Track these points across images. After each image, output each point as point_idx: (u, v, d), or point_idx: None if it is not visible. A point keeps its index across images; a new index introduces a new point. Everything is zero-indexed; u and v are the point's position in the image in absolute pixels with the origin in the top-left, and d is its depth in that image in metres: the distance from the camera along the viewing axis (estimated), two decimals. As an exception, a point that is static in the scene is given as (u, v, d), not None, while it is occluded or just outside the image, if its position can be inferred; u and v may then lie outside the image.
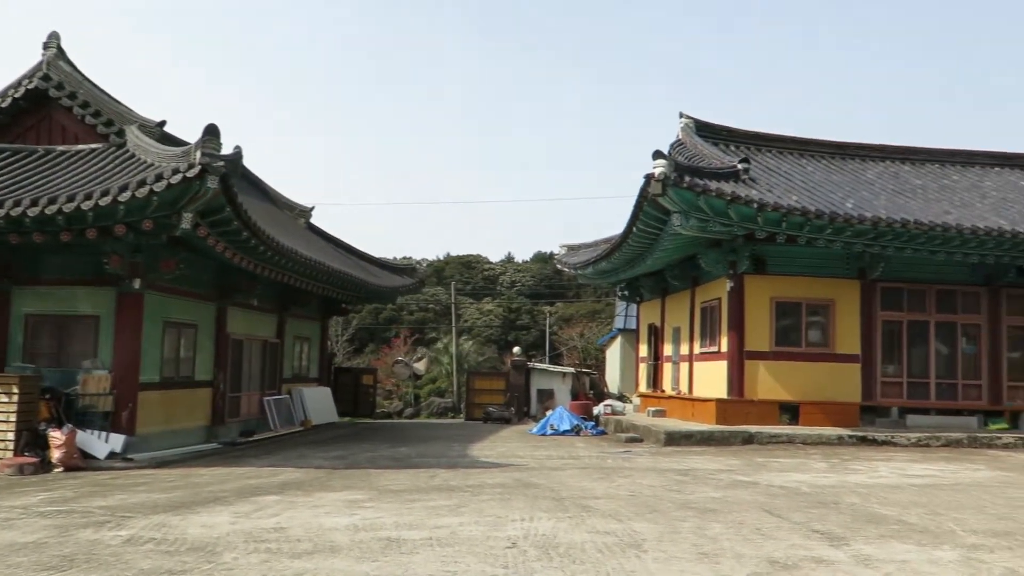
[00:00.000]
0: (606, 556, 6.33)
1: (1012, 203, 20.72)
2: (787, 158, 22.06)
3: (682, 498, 9.46)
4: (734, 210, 16.66)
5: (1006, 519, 8.31)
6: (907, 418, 19.09)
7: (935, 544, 6.96)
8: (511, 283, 65.83)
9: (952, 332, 19.91)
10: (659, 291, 24.84)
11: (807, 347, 19.19)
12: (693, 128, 21.49)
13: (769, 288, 19.09)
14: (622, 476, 11.66)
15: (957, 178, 22.82)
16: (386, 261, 29.93)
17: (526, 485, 10.57)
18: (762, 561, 6.20)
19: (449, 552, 6.44)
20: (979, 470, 13.02)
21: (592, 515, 8.21)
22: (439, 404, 34.94)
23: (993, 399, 19.70)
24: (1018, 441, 17.38)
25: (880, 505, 9.10)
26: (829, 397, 18.86)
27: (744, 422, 17.95)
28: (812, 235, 17.36)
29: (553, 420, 21.63)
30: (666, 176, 16.12)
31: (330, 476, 11.79)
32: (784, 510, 8.63)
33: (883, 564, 6.17)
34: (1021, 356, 20.10)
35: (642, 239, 19.44)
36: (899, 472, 12.49)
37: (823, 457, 14.62)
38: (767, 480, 11.26)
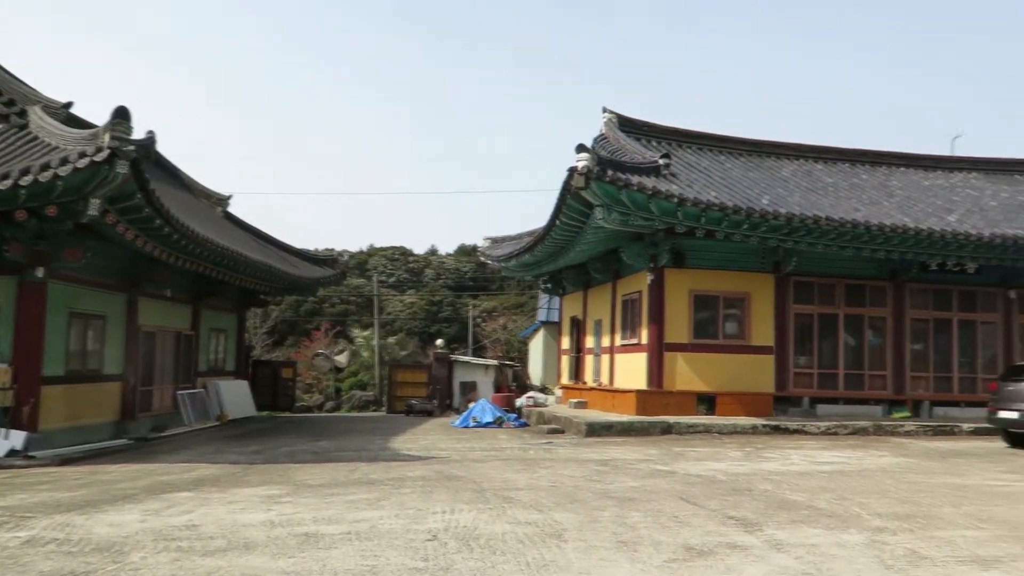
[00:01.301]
0: (527, 546, 6.34)
1: (916, 202, 21.62)
2: (706, 154, 22.53)
3: (602, 488, 9.56)
4: (655, 204, 16.92)
5: (908, 503, 8.67)
6: (817, 407, 19.78)
7: (842, 528, 7.21)
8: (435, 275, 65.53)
9: (860, 325, 20.70)
10: (581, 284, 25.08)
11: (724, 339, 19.67)
12: (616, 123, 21.74)
13: (688, 281, 19.48)
14: (544, 467, 11.72)
15: (866, 177, 23.69)
16: (307, 252, 29.38)
17: (448, 477, 10.53)
18: (679, 548, 6.31)
19: (369, 546, 6.36)
20: (883, 456, 13.56)
21: (513, 506, 8.23)
22: (360, 397, 34.57)
23: (897, 389, 20.56)
24: (919, 429, 18.19)
25: (791, 491, 9.37)
26: (744, 388, 19.37)
27: (663, 413, 18.29)
28: (730, 230, 17.77)
29: (476, 412, 21.63)
30: (589, 170, 16.26)
31: (246, 471, 11.51)
32: (700, 498, 8.82)
33: (794, 548, 6.35)
34: (923, 348, 21.02)
35: (565, 232, 19.59)
36: (809, 459, 12.91)
37: (738, 446, 15.00)
38: (684, 469, 11.48)
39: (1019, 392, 15.50)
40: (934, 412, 20.36)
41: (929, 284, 20.94)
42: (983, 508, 8.39)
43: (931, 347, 21.05)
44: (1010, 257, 19.49)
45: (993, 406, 16.21)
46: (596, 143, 19.44)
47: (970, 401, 20.36)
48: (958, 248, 19.01)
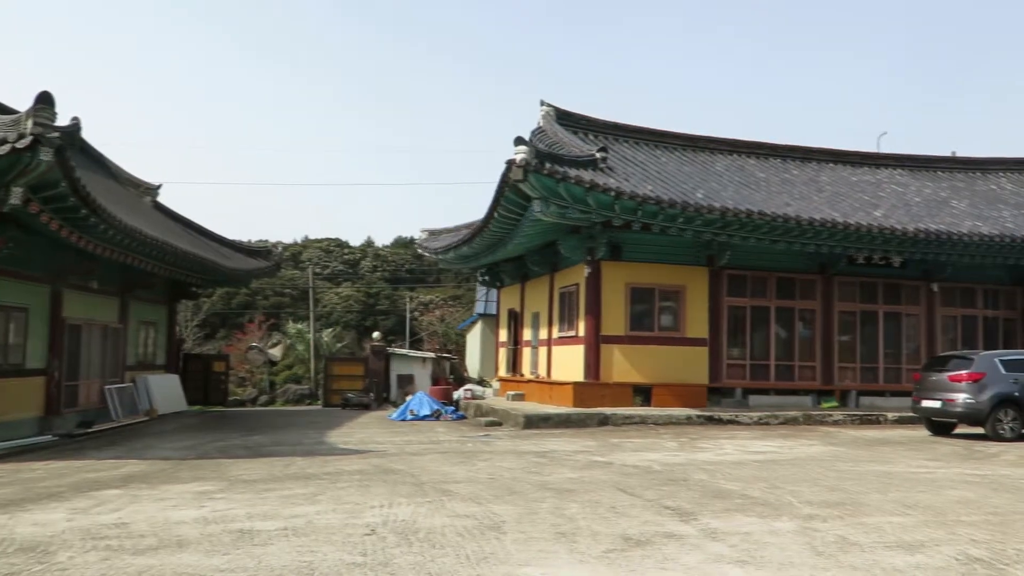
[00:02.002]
0: (466, 539, 6.33)
1: (844, 197, 22.24)
2: (643, 148, 22.77)
3: (541, 480, 9.61)
4: (592, 197, 17.03)
5: (837, 490, 8.92)
6: (750, 398, 20.23)
7: (775, 516, 7.38)
8: (371, 267, 64.91)
9: (790, 317, 21.23)
10: (519, 277, 25.14)
11: (659, 331, 19.95)
12: (554, 116, 21.80)
13: (625, 274, 19.69)
14: (482, 460, 11.73)
15: (797, 172, 24.26)
16: (240, 243, 28.79)
17: (385, 471, 10.45)
18: (617, 538, 6.37)
19: (305, 542, 6.26)
20: (813, 445, 13.94)
21: (452, 499, 8.21)
22: (295, 391, 34.05)
23: (825, 379, 21.15)
24: (847, 418, 18.75)
25: (726, 481, 9.56)
26: (679, 379, 19.69)
27: (600, 404, 18.47)
28: (665, 223, 18.01)
29: (413, 405, 21.52)
30: (527, 162, 16.29)
31: (178, 467, 11.24)
32: (637, 488, 8.93)
33: (728, 536, 6.47)
34: (851, 339, 21.66)
35: (503, 224, 19.59)
36: (742, 449, 13.19)
37: (673, 436, 15.24)
38: (621, 460, 11.61)
39: (941, 382, 16.10)
40: (861, 402, 21.02)
41: (856, 277, 21.57)
42: (908, 495, 8.69)
43: (858, 339, 21.70)
44: (933, 251, 20.20)
45: (916, 396, 16.80)
46: (534, 136, 19.49)
47: (895, 391, 21.07)
48: (884, 242, 19.63)
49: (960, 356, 16.94)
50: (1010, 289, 22.85)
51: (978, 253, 20.45)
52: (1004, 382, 15.51)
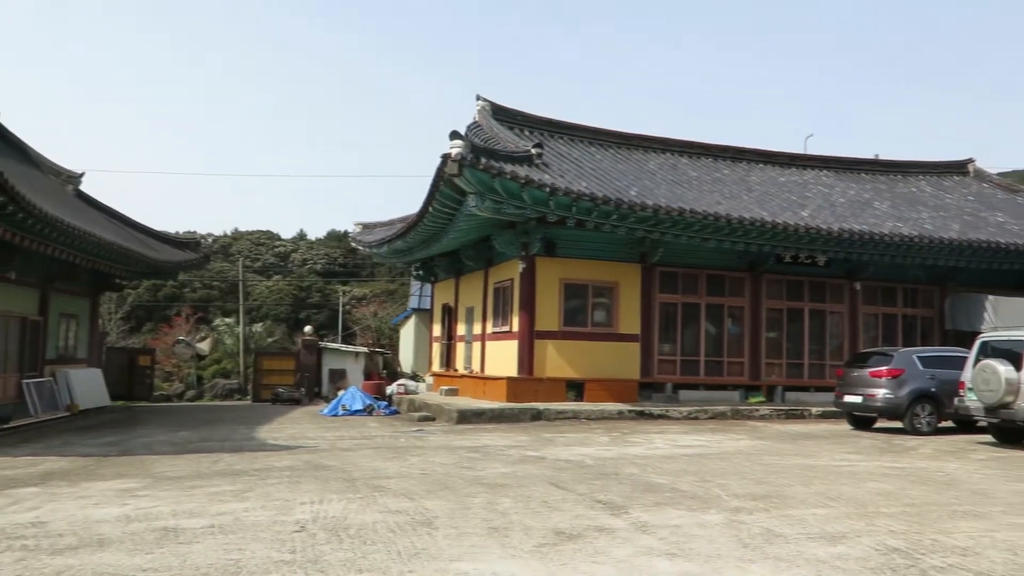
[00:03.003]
0: (397, 535, 6.28)
1: (773, 197, 22.77)
2: (578, 145, 22.91)
3: (473, 475, 9.59)
4: (527, 193, 17.07)
5: (763, 483, 9.13)
6: (680, 393, 20.56)
7: (703, 509, 7.51)
8: (303, 261, 63.91)
9: (720, 314, 21.65)
10: (454, 271, 25.06)
11: (593, 327, 20.13)
12: (490, 111, 21.77)
13: (559, 270, 19.80)
14: (414, 455, 11.66)
15: (727, 172, 24.73)
16: (167, 235, 27.97)
17: (316, 467, 10.30)
18: (549, 532, 6.40)
19: (233, 539, 6.12)
20: (741, 439, 14.24)
21: (384, 495, 8.13)
22: (224, 386, 33.30)
23: (753, 375, 21.64)
24: (773, 413, 19.22)
25: (656, 474, 9.70)
26: (612, 374, 19.90)
27: (533, 399, 18.55)
28: (599, 220, 18.16)
29: (345, 400, 21.28)
30: (463, 157, 16.23)
31: (100, 464, 10.88)
32: (569, 483, 8.98)
33: (658, 529, 6.56)
34: (778, 336, 22.21)
35: (438, 219, 19.51)
36: (672, 443, 13.40)
37: (605, 431, 15.39)
38: (554, 454, 11.67)
39: (862, 378, 16.63)
40: (787, 397, 21.57)
41: (783, 276, 22.12)
42: (831, 487, 8.94)
43: (785, 335, 22.26)
44: (856, 251, 20.84)
45: (839, 391, 17.32)
46: (470, 130, 19.42)
47: (819, 386, 21.66)
48: (810, 242, 20.16)
49: (880, 353, 17.52)
50: (928, 288, 23.72)
51: (898, 253, 21.17)
52: (922, 378, 16.10)
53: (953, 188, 27.98)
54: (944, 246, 21.16)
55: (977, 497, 8.45)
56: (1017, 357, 13.35)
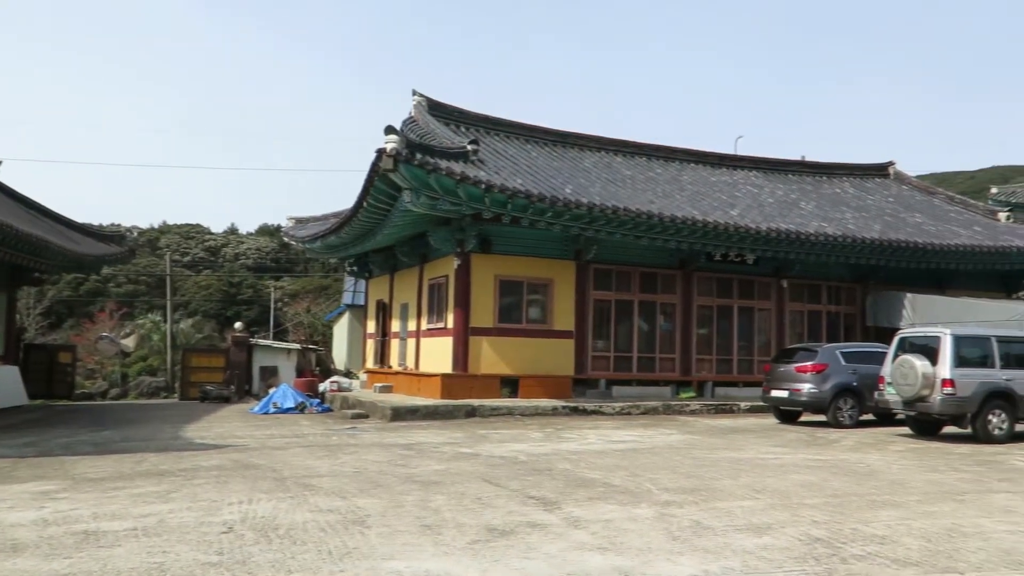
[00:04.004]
0: (329, 535, 6.20)
1: (704, 196, 23.19)
2: (514, 143, 22.95)
3: (407, 472, 9.54)
4: (463, 190, 17.03)
5: (693, 477, 9.30)
6: (613, 389, 20.79)
7: (635, 503, 7.61)
8: (234, 256, 62.61)
9: (653, 311, 21.96)
10: (388, 267, 24.86)
11: (527, 324, 20.21)
12: (426, 106, 21.64)
13: (494, 267, 19.81)
14: (347, 453, 11.53)
15: (660, 171, 25.09)
16: (90, 227, 27.08)
17: (245, 466, 10.10)
18: (482, 529, 6.40)
19: (157, 542, 5.96)
20: (671, 434, 14.48)
21: (315, 494, 8.02)
22: (150, 384, 32.44)
23: (684, 371, 22.01)
24: (703, 408, 19.58)
25: (588, 470, 9.79)
26: (546, 371, 20.01)
27: (468, 396, 18.53)
28: (535, 217, 18.23)
29: (276, 398, 20.93)
30: (398, 152, 16.11)
31: (15, 466, 10.46)
32: (503, 479, 9.00)
33: (590, 524, 6.63)
34: (708, 332, 22.63)
35: (373, 214, 19.32)
36: (605, 439, 13.54)
37: (539, 427, 15.47)
38: (488, 451, 11.68)
39: (788, 373, 17.07)
40: (716, 392, 21.99)
41: (714, 273, 22.54)
42: (758, 480, 9.16)
43: (715, 332, 22.69)
44: (783, 250, 21.36)
45: (767, 386, 17.75)
46: (405, 126, 19.28)
47: (747, 381, 22.15)
48: (739, 240, 20.59)
49: (805, 348, 18.01)
50: (851, 286, 24.47)
51: (823, 252, 21.78)
52: (844, 373, 16.61)
53: (875, 190, 28.93)
54: (866, 246, 21.85)
55: (895, 487, 8.75)
56: (933, 353, 13.87)
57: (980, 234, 24.89)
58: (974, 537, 6.32)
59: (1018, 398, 13.74)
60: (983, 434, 13.52)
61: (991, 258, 23.68)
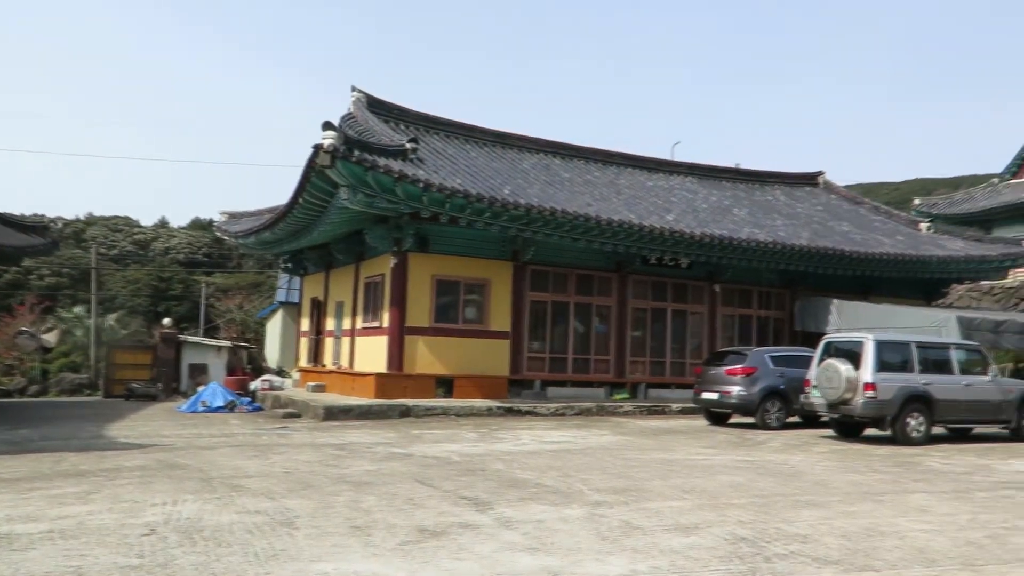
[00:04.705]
0: (256, 536, 6.09)
1: (641, 200, 23.48)
2: (453, 142, 22.89)
3: (338, 472, 9.43)
4: (401, 188, 16.92)
5: (624, 478, 9.41)
6: (548, 390, 20.90)
7: (566, 503, 7.66)
8: (164, 250, 61.03)
9: (588, 312, 22.15)
10: (324, 265, 24.56)
11: (464, 324, 20.18)
12: (365, 103, 21.44)
13: (431, 266, 19.74)
14: (277, 453, 11.34)
15: (598, 174, 25.32)
16: (10, 216, 26.05)
17: (171, 466, 9.86)
18: (413, 530, 6.37)
19: (74, 545, 5.77)
20: (604, 435, 14.62)
21: (243, 494, 7.87)
22: (73, 380, 31.35)
23: (618, 372, 22.25)
24: (636, 409, 19.82)
25: (521, 470, 9.82)
26: (481, 371, 20.01)
27: (402, 396, 18.42)
28: (473, 217, 18.21)
29: (205, 396, 20.48)
30: (335, 148, 15.92)
31: (-75, 465, 10.02)
32: (436, 479, 8.97)
33: (522, 525, 6.65)
34: (642, 335, 22.93)
35: (308, 211, 19.07)
36: (539, 439, 13.61)
37: (474, 428, 15.46)
38: (421, 451, 11.63)
39: (719, 376, 17.40)
40: (649, 393, 22.29)
41: (649, 276, 22.85)
42: (687, 480, 9.31)
43: (649, 334, 23.00)
44: (716, 255, 21.77)
45: (698, 388, 18.06)
46: (344, 122, 19.06)
47: (679, 383, 22.48)
48: (674, 244, 20.91)
49: (736, 352, 18.39)
50: (780, 292, 25.07)
51: (754, 258, 22.27)
52: (772, 376, 17.01)
53: (804, 198, 29.70)
54: (795, 252, 22.42)
55: (818, 487, 8.99)
56: (856, 357, 14.30)
57: (903, 243, 25.77)
58: (891, 536, 6.53)
59: (935, 402, 14.26)
60: (902, 436, 13.99)
61: (913, 267, 24.54)
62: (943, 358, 14.99)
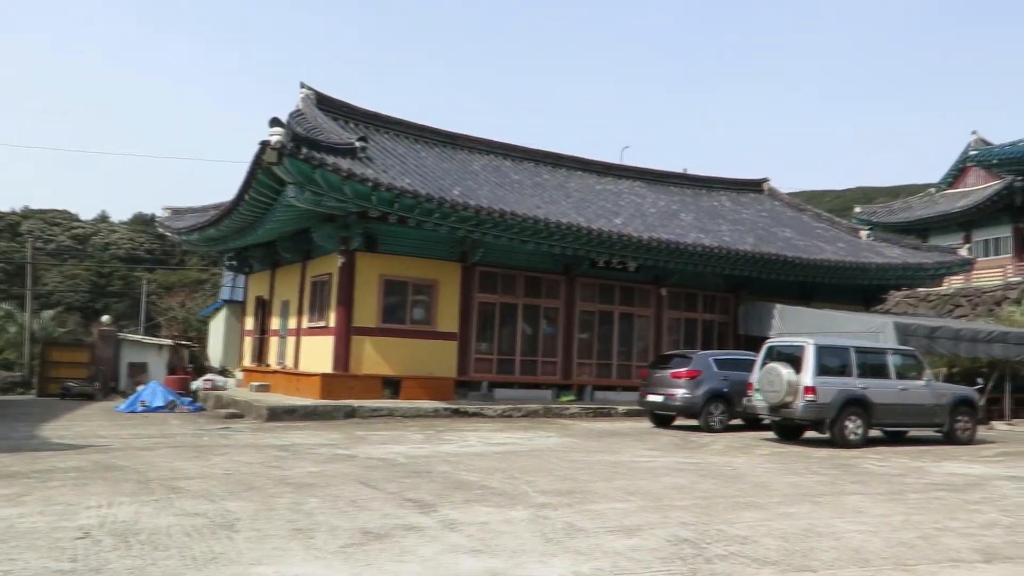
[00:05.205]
0: (194, 539, 5.96)
1: (589, 203, 23.65)
2: (403, 141, 22.78)
3: (281, 474, 9.30)
4: (349, 187, 16.77)
5: (569, 479, 9.45)
6: (495, 391, 20.91)
7: (511, 505, 7.66)
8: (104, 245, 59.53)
9: (536, 314, 22.22)
10: (270, 263, 24.21)
11: (411, 324, 20.09)
12: (314, 100, 21.21)
13: (379, 266, 19.61)
14: (218, 454, 11.14)
15: (548, 177, 25.44)
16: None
17: (107, 468, 9.60)
18: (356, 532, 6.31)
19: (2, 549, 5.58)
20: (550, 437, 14.67)
21: (182, 497, 7.71)
22: (5, 378, 30.37)
23: (565, 374, 22.37)
24: (583, 411, 19.94)
25: (467, 472, 9.79)
26: (429, 372, 19.93)
27: (348, 396, 18.25)
28: (422, 217, 18.14)
29: (145, 396, 20.02)
30: (283, 145, 15.72)
31: None
32: (380, 481, 8.90)
33: (466, 527, 6.63)
34: (589, 337, 23.08)
35: (254, 208, 18.79)
36: (485, 441, 13.60)
37: (420, 429, 15.39)
38: (366, 453, 11.53)
39: (664, 379, 17.59)
40: (596, 396, 22.44)
41: (597, 279, 23.01)
42: (631, 482, 9.39)
43: (596, 337, 23.17)
44: (663, 258, 22.04)
45: (643, 390, 18.24)
46: (292, 118, 18.84)
47: (625, 386, 22.67)
48: (622, 248, 21.10)
49: (681, 355, 18.62)
50: (725, 296, 25.46)
51: (700, 262, 22.58)
52: (716, 379, 17.26)
53: (749, 204, 30.24)
54: (740, 257, 22.80)
55: (759, 489, 9.15)
56: (798, 361, 14.60)
57: (843, 250, 26.39)
58: (828, 537, 6.67)
59: (872, 405, 14.62)
60: (840, 439, 14.31)
61: (852, 273, 25.15)
62: (880, 363, 15.38)
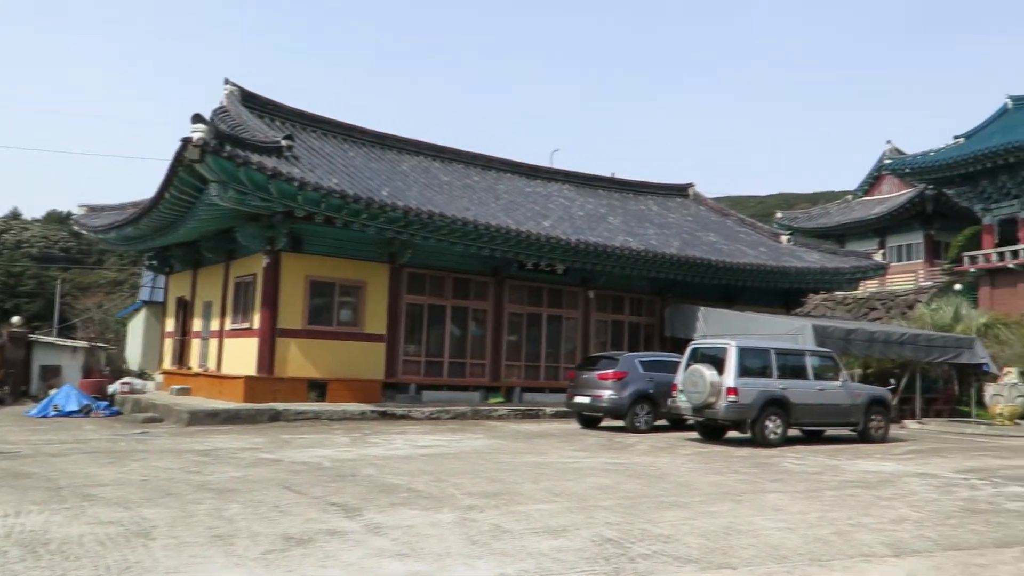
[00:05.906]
0: (108, 548, 5.76)
1: (518, 206, 23.75)
2: (331, 141, 22.50)
3: (201, 479, 9.06)
4: (275, 186, 16.49)
5: (496, 481, 9.46)
6: (423, 394, 20.81)
7: (437, 508, 7.63)
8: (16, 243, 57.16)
9: (465, 316, 22.21)
10: (192, 263, 23.61)
11: (338, 326, 19.84)
12: (239, 97, 20.79)
13: (305, 267, 19.32)
14: (135, 460, 10.80)
15: (477, 179, 25.46)
16: None
17: (15, 475, 9.21)
18: (278, 538, 6.19)
19: (-101, 562, 5.31)
20: (478, 439, 14.67)
21: (95, 504, 7.45)
22: (-96, 383, 28.85)
23: (493, 376, 22.41)
24: (511, 412, 20.01)
25: (393, 475, 9.72)
26: (356, 374, 19.72)
27: (273, 399, 17.92)
28: (349, 218, 17.95)
29: (58, 400, 19.29)
30: (205, 142, 15.37)
31: None
32: (304, 485, 8.76)
33: (391, 530, 6.57)
34: (518, 339, 23.17)
35: (176, 206, 18.31)
36: (412, 444, 13.51)
37: (346, 432, 15.20)
38: (290, 457, 11.34)
39: (591, 380, 17.76)
40: (524, 397, 22.54)
41: (525, 281, 23.13)
42: (557, 483, 9.45)
43: (524, 338, 23.28)
44: (591, 261, 22.28)
45: (571, 392, 18.39)
46: (215, 115, 18.41)
47: (554, 387, 22.86)
48: (550, 250, 21.25)
49: (608, 357, 18.83)
50: (651, 298, 25.88)
51: (627, 265, 22.91)
52: (642, 380, 17.51)
53: (676, 208, 30.82)
54: (665, 261, 23.21)
55: (682, 489, 9.32)
56: (720, 363, 14.93)
57: (765, 254, 27.12)
58: (747, 534, 6.84)
59: (792, 406, 15.05)
60: (760, 438, 14.69)
61: (773, 277, 25.86)
62: (799, 364, 15.84)
